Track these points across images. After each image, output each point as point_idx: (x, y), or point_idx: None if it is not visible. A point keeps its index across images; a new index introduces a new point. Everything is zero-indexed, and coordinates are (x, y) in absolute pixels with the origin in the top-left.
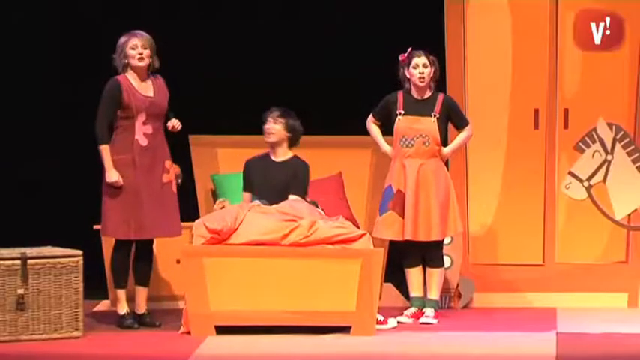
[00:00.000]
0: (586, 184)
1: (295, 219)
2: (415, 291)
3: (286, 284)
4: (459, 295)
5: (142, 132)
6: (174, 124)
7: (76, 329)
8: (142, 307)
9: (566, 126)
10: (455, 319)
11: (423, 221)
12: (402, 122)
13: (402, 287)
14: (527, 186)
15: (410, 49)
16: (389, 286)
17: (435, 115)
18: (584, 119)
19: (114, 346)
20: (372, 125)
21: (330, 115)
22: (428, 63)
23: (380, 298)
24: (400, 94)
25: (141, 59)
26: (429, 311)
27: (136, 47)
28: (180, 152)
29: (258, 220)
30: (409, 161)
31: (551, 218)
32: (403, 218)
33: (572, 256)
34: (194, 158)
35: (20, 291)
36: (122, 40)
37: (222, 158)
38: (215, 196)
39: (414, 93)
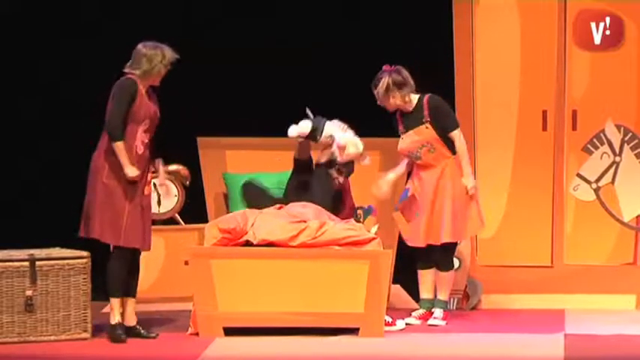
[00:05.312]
0: (594, 185)
1: (304, 220)
2: (425, 293)
3: (294, 286)
4: (468, 297)
5: (141, 139)
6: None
7: (84, 331)
8: (132, 320)
9: (574, 127)
10: (463, 321)
11: (437, 226)
12: (404, 140)
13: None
14: (535, 187)
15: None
16: (397, 287)
17: (426, 121)
18: (593, 121)
19: (122, 348)
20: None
21: (338, 116)
22: (374, 85)
23: (388, 299)
24: (398, 115)
25: (162, 78)
26: (437, 312)
27: (169, 65)
28: (188, 154)
29: (269, 221)
30: (425, 172)
31: (559, 220)
32: (409, 223)
33: (581, 257)
34: (202, 160)
35: (29, 292)
36: (158, 50)
37: (231, 160)
38: (226, 197)
39: (402, 109)
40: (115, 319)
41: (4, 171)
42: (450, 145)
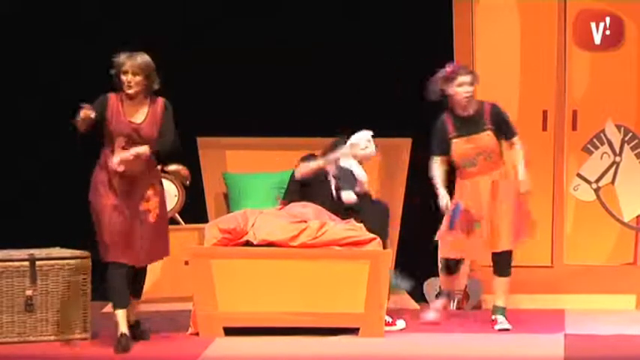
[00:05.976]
0: (594, 185)
1: (305, 220)
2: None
3: (294, 286)
4: (468, 297)
5: (119, 156)
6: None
7: (84, 331)
8: (131, 318)
9: (574, 127)
10: (463, 321)
11: (496, 234)
12: (458, 145)
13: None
14: (535, 187)
15: (453, 65)
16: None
17: (488, 129)
18: (593, 121)
19: None
20: (436, 168)
21: (337, 115)
22: (473, 81)
23: (388, 299)
24: (447, 117)
25: (129, 87)
26: (501, 319)
27: (127, 73)
28: (188, 154)
29: (269, 221)
30: (478, 179)
31: (559, 220)
32: (468, 238)
33: (581, 257)
34: (202, 160)
35: (29, 292)
36: (118, 59)
37: (231, 160)
38: (226, 196)
39: (459, 111)
40: (120, 329)
41: (4, 171)
42: (501, 153)
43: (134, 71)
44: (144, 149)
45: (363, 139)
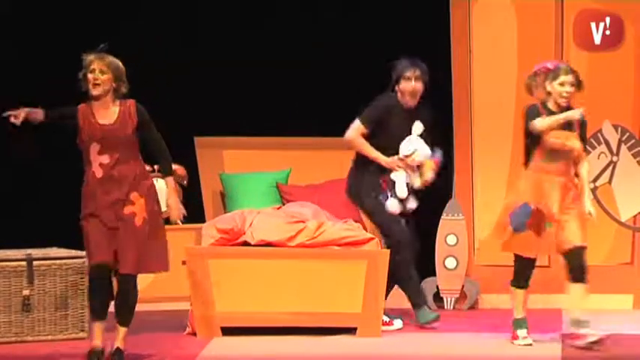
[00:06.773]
0: (592, 185)
1: (303, 220)
2: (521, 312)
3: (292, 286)
4: (465, 297)
5: (97, 162)
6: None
7: (82, 331)
8: (117, 343)
9: None
10: (460, 321)
11: (569, 232)
12: (547, 138)
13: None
14: None
15: (556, 62)
16: (394, 287)
17: (575, 131)
18: (590, 121)
19: None
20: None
21: (337, 116)
22: (575, 82)
23: (385, 299)
24: (541, 108)
25: (95, 85)
26: (586, 331)
27: (94, 71)
28: (185, 153)
29: (266, 221)
30: (551, 178)
31: None
32: (539, 236)
33: None
34: (199, 159)
35: (26, 292)
36: (86, 59)
37: (228, 159)
38: (223, 196)
39: (553, 107)
40: (92, 342)
41: (3, 170)
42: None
43: (101, 69)
44: (35, 112)
45: (404, 148)
